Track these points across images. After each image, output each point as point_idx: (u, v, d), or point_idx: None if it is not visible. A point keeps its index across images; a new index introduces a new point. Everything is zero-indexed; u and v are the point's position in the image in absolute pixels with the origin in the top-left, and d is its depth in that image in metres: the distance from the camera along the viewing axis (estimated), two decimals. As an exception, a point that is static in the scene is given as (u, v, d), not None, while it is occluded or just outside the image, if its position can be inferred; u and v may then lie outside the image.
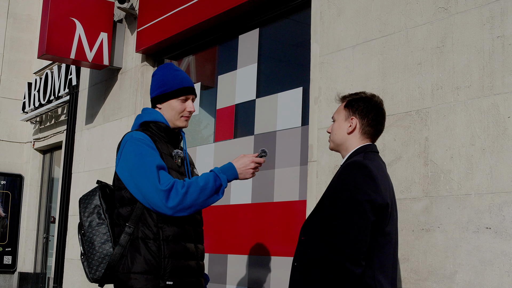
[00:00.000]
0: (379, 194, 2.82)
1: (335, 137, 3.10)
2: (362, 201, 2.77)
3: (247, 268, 5.62)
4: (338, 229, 2.77)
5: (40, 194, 13.08)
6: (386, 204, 2.84)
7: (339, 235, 2.75)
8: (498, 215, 3.51)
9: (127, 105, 7.54)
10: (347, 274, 2.70)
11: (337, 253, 2.73)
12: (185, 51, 7.02)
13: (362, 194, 2.78)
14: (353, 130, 3.03)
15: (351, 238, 2.73)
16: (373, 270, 2.79)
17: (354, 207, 2.77)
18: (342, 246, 2.73)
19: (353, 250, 2.72)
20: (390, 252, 2.93)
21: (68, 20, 7.48)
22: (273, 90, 5.67)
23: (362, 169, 2.84)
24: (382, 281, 2.83)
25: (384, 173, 2.98)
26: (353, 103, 3.06)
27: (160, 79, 3.33)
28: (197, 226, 3.30)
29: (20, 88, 13.27)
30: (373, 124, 3.04)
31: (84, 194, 3.27)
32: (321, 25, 4.89)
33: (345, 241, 2.73)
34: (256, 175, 3.41)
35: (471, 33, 3.79)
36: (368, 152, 2.99)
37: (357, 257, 2.72)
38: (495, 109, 3.60)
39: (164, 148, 3.23)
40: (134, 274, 3.03)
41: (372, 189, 2.80)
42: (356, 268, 2.72)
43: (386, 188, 2.92)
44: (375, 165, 2.92)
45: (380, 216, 2.82)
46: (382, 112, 3.08)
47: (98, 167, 8.00)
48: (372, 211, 2.78)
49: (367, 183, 2.81)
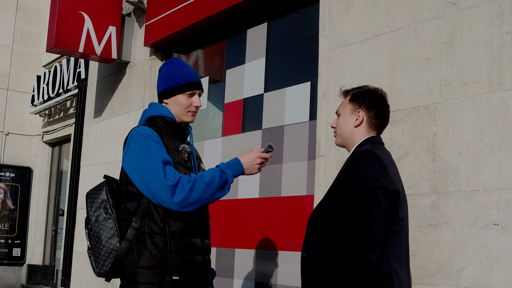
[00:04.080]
0: (390, 181, 2.80)
1: (341, 131, 3.07)
2: (374, 187, 2.74)
3: (254, 262, 5.63)
4: (351, 216, 2.73)
5: (49, 186, 13.12)
6: (397, 191, 2.82)
7: (353, 222, 2.72)
8: (506, 211, 3.50)
9: (135, 98, 7.55)
10: (363, 261, 2.66)
11: (352, 241, 2.69)
12: (194, 45, 7.02)
13: (374, 181, 2.75)
14: (360, 123, 3.01)
15: (366, 224, 2.70)
16: (388, 259, 2.76)
17: (366, 194, 2.74)
18: (356, 233, 2.69)
19: (368, 237, 2.68)
20: (403, 240, 2.91)
21: (76, 13, 7.49)
22: (281, 85, 5.66)
23: (372, 157, 2.82)
24: (397, 269, 2.80)
25: (393, 162, 2.98)
26: (358, 96, 3.04)
27: (167, 74, 3.32)
28: (204, 221, 3.30)
29: (29, 81, 13.30)
30: (379, 116, 3.02)
31: (91, 189, 3.27)
32: (330, 19, 4.87)
33: (359, 228, 2.70)
34: (263, 170, 3.40)
35: (480, 28, 3.77)
36: (375, 143, 2.98)
37: (372, 243, 2.69)
38: (503, 105, 3.58)
39: (171, 143, 3.22)
40: (141, 268, 3.04)
41: (383, 175, 2.78)
42: (372, 255, 2.68)
43: (396, 176, 2.91)
44: (384, 154, 2.91)
45: (392, 203, 2.80)
46: (387, 104, 3.06)
47: (106, 161, 8.02)
48: (384, 197, 2.75)
49: (377, 170, 2.78)
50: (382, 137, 3.08)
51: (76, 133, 9.46)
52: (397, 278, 2.78)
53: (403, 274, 2.86)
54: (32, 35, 13.52)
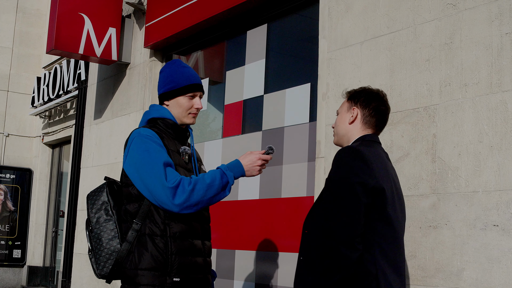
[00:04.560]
0: (372, 177, 2.76)
1: (338, 129, 3.09)
2: (353, 183, 2.72)
3: (255, 263, 5.63)
4: (330, 213, 2.73)
5: (49, 188, 13.13)
6: (381, 188, 2.77)
7: (331, 219, 2.71)
8: (505, 212, 3.50)
9: (136, 100, 7.56)
10: (342, 258, 2.64)
11: (331, 238, 2.68)
12: (194, 46, 7.03)
13: (354, 177, 2.73)
14: (354, 120, 3.02)
15: (343, 221, 2.68)
16: (374, 256, 2.73)
17: (344, 190, 2.73)
18: (335, 230, 2.68)
19: (345, 233, 2.67)
20: (394, 239, 2.86)
21: (76, 15, 7.49)
22: (281, 86, 5.67)
23: (353, 153, 2.81)
24: (385, 268, 2.76)
25: (382, 160, 2.92)
26: (355, 94, 3.07)
27: (168, 76, 3.33)
28: (205, 223, 3.31)
29: (29, 83, 13.31)
30: (374, 114, 3.01)
31: (91, 190, 3.28)
32: (329, 21, 4.88)
33: (337, 225, 2.69)
34: (264, 171, 3.41)
35: (479, 29, 3.78)
36: (366, 141, 2.96)
37: (350, 240, 2.66)
38: (503, 106, 3.59)
39: (172, 145, 3.23)
40: (141, 270, 3.04)
41: (364, 171, 2.75)
42: (351, 252, 2.65)
43: (383, 173, 2.85)
44: (371, 151, 2.87)
45: (375, 200, 2.76)
46: (384, 103, 3.05)
47: (107, 162, 8.03)
48: (364, 193, 2.72)
49: (358, 166, 2.76)
50: (382, 138, 3.09)
51: (76, 134, 9.47)
52: (384, 278, 2.75)
53: (393, 273, 2.81)
54: (32, 37, 13.54)
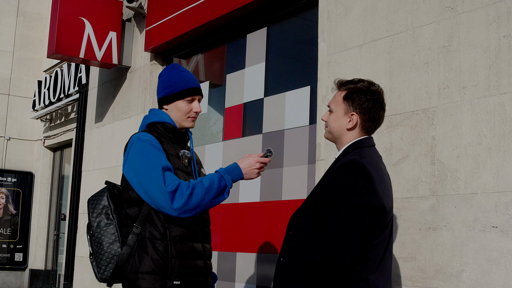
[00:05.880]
0: (375, 196, 2.70)
1: (333, 130, 2.95)
2: (358, 205, 2.65)
3: (255, 266, 5.65)
4: (333, 233, 2.66)
5: (51, 191, 13.14)
6: (382, 206, 2.73)
7: (334, 239, 2.65)
8: (504, 214, 3.52)
9: (136, 103, 7.58)
10: (342, 280, 2.62)
11: (332, 259, 2.63)
12: (194, 50, 7.05)
13: (359, 197, 2.66)
14: (353, 127, 2.89)
15: (347, 244, 2.63)
16: (366, 273, 2.69)
17: (350, 212, 2.66)
18: (337, 252, 2.63)
19: (348, 257, 2.62)
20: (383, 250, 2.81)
21: (77, 19, 7.52)
22: (281, 89, 5.68)
23: (360, 171, 2.72)
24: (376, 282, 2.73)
25: (381, 171, 2.86)
26: (353, 96, 2.89)
27: (167, 80, 3.35)
28: (205, 226, 3.32)
29: (30, 86, 13.33)
30: (374, 119, 2.90)
31: (92, 194, 3.30)
32: (329, 24, 4.90)
33: (340, 247, 2.63)
34: (264, 174, 3.42)
35: (477, 32, 3.79)
36: (364, 148, 2.86)
37: (352, 263, 2.63)
38: (501, 108, 3.60)
39: (171, 149, 3.25)
40: (142, 274, 3.06)
41: (369, 191, 2.69)
42: (351, 274, 2.63)
43: (382, 187, 2.79)
44: (372, 164, 2.79)
45: (375, 219, 2.71)
46: (383, 105, 2.92)
47: (108, 165, 8.04)
48: (368, 215, 2.67)
49: (364, 186, 2.69)
50: (381, 140, 3.09)
51: (77, 138, 9.49)
52: None
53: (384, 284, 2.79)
54: (32, 40, 13.56)
